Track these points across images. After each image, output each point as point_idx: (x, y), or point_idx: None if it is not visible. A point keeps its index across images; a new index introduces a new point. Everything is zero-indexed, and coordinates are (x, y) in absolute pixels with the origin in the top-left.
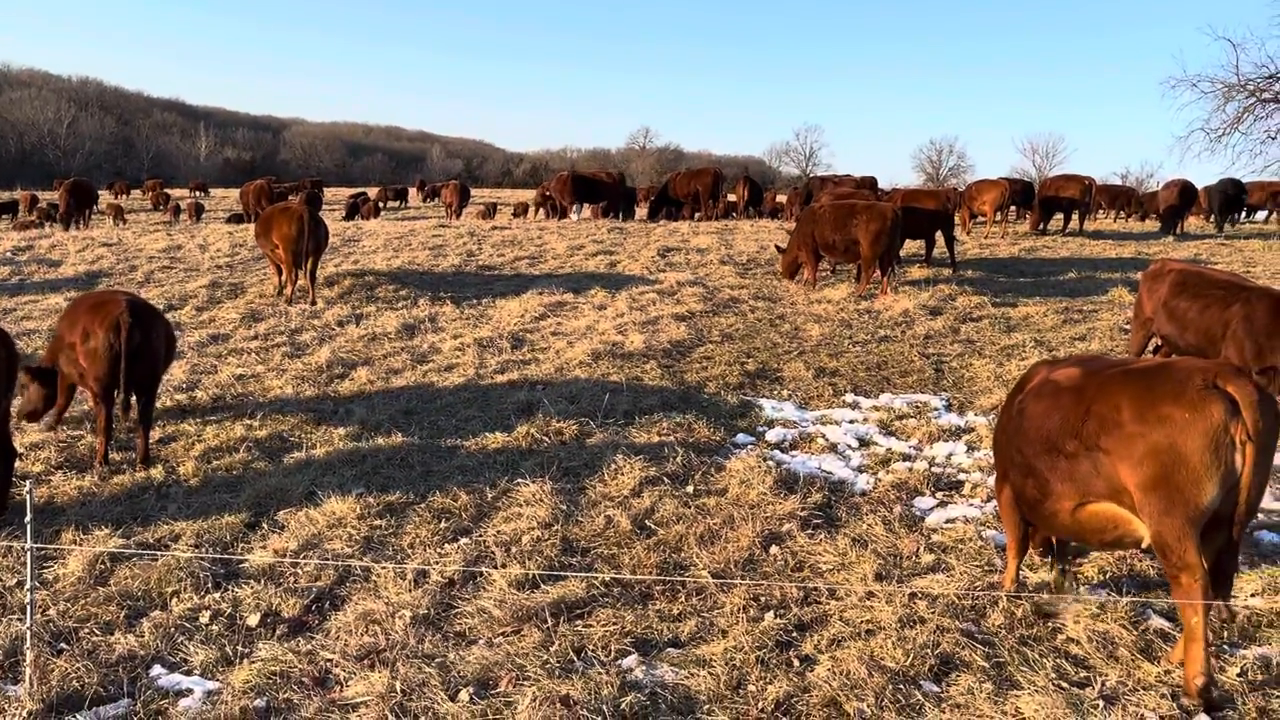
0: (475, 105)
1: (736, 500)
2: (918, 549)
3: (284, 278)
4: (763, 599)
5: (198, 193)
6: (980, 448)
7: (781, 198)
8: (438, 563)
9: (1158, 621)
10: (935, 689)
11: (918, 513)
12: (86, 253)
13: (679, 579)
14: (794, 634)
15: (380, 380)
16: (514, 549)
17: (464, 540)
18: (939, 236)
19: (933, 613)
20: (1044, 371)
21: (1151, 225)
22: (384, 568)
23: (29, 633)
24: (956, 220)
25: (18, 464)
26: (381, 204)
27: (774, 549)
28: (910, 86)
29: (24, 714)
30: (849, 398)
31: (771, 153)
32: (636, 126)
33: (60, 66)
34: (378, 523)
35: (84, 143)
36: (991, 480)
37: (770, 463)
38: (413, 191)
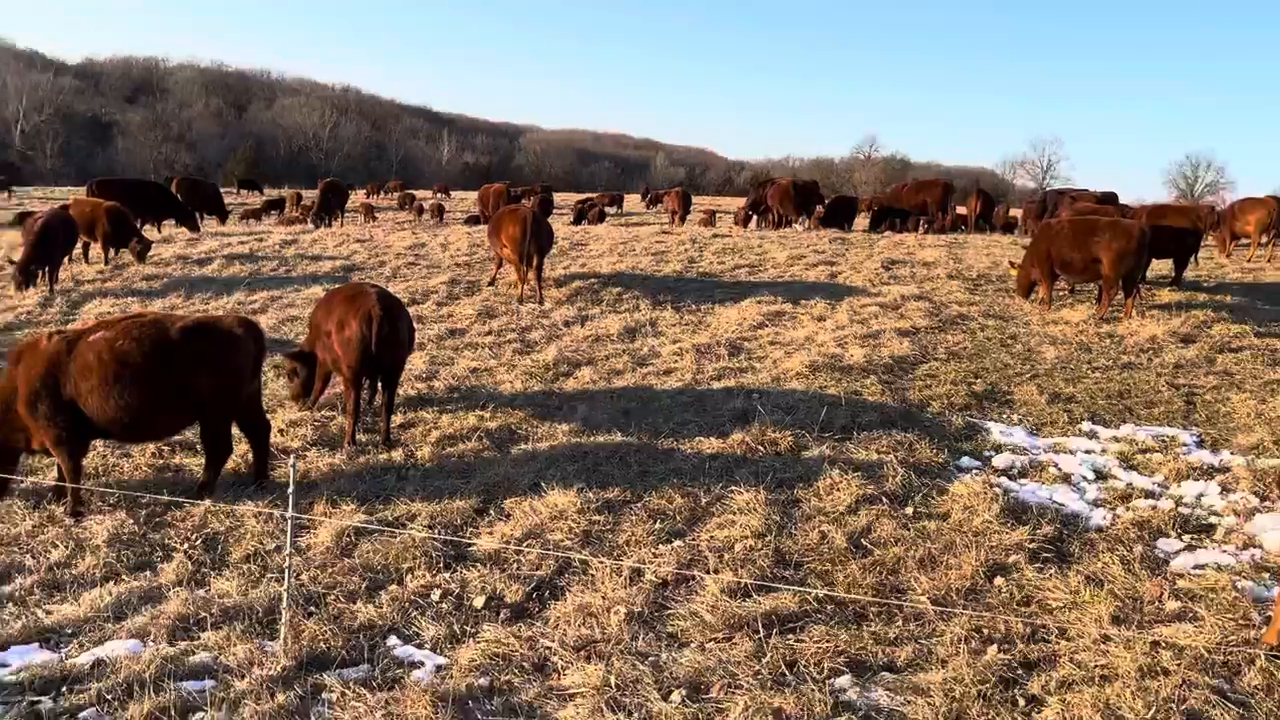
0: (700, 113)
1: (959, 526)
2: (1161, 594)
3: (515, 276)
4: (985, 631)
5: (440, 194)
6: (1236, 489)
7: (1015, 212)
8: (652, 562)
9: None
10: None
11: (1161, 555)
12: (342, 247)
13: (896, 602)
14: (1019, 671)
15: (602, 380)
16: (727, 556)
17: (678, 542)
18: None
19: (1178, 665)
20: None
21: None
22: (601, 563)
23: (285, 594)
24: (1211, 241)
25: (280, 439)
26: (604, 209)
27: (998, 580)
28: (1162, 98)
29: (279, 669)
30: (1086, 426)
31: (1005, 164)
32: (861, 135)
33: (325, 75)
34: (596, 518)
35: (342, 146)
36: (1249, 525)
37: (997, 489)
38: (629, 197)
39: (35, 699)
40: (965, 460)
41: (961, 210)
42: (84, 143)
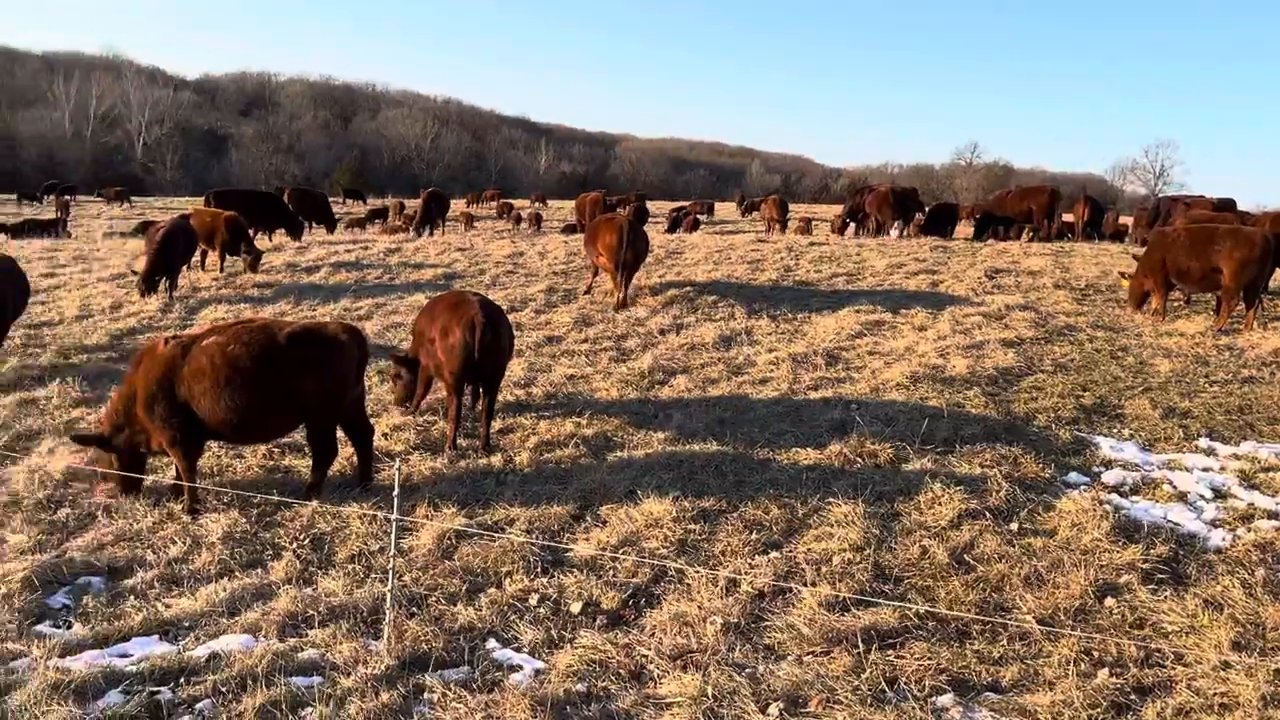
0: (796, 120)
1: (1067, 543)
2: None
3: (611, 284)
4: (1095, 654)
5: (538, 203)
6: None
7: (1125, 219)
8: (749, 573)
9: None
10: None
11: None
12: (444, 256)
13: (1000, 620)
14: (1132, 696)
15: (697, 389)
16: (824, 569)
17: (774, 554)
18: None
19: None
20: None
21: None
22: (697, 572)
23: (389, 595)
24: None
25: (384, 443)
26: (699, 217)
27: (1109, 601)
28: None
29: (383, 667)
30: (1203, 443)
31: (1115, 170)
32: (963, 142)
33: (427, 87)
34: (692, 527)
35: (443, 156)
36: None
37: (1107, 506)
38: (723, 205)
39: (155, 689)
40: (1073, 476)
41: (1068, 218)
42: (201, 155)
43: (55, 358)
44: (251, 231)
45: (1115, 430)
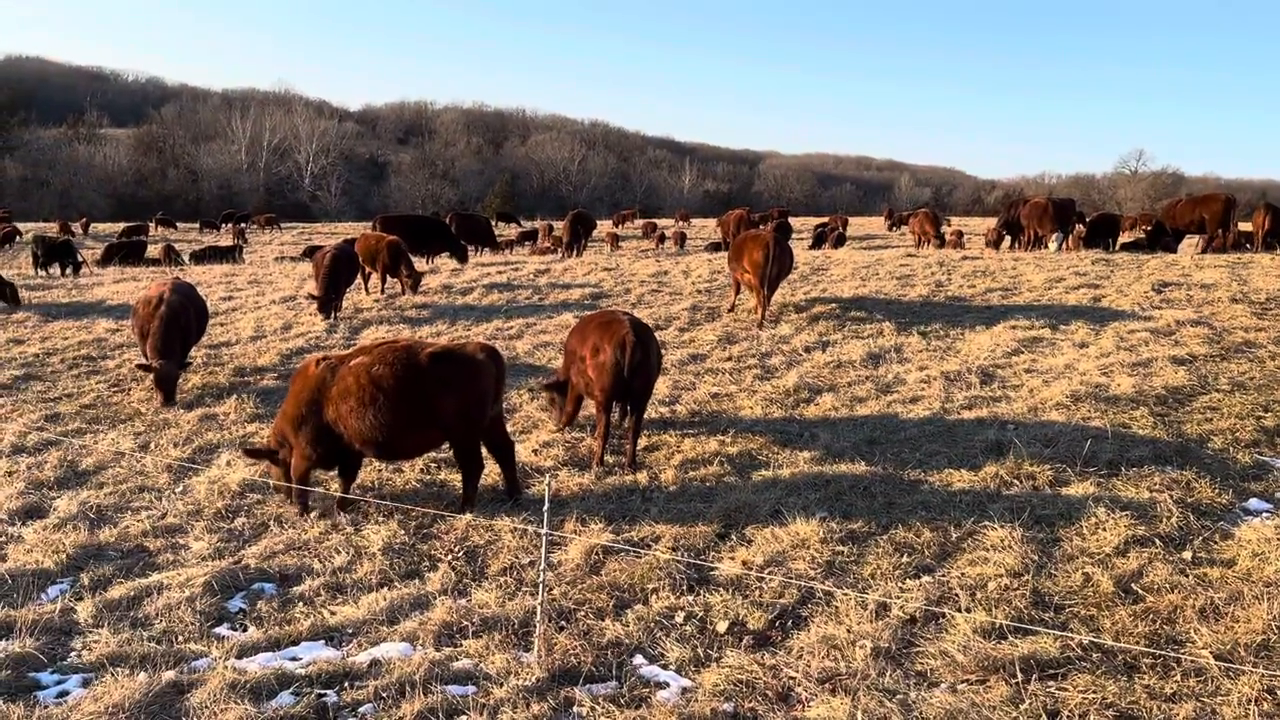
0: (946, 133)
1: (1247, 574)
2: None
3: (754, 301)
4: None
5: (682, 222)
6: None
7: None
8: (899, 597)
9: None
10: None
11: None
12: (591, 275)
13: (1173, 654)
14: None
15: (844, 407)
16: (979, 594)
17: (926, 578)
18: None
19: None
20: None
21: None
22: (846, 594)
23: (539, 608)
24: None
25: (533, 459)
26: (843, 232)
27: None
28: None
29: (534, 679)
30: None
31: None
32: (1127, 149)
33: (574, 111)
34: (840, 548)
35: (590, 178)
36: None
37: None
38: (867, 220)
39: (322, 692)
40: (1254, 502)
41: (1246, 227)
42: (362, 181)
43: (232, 376)
44: (424, 256)
45: None
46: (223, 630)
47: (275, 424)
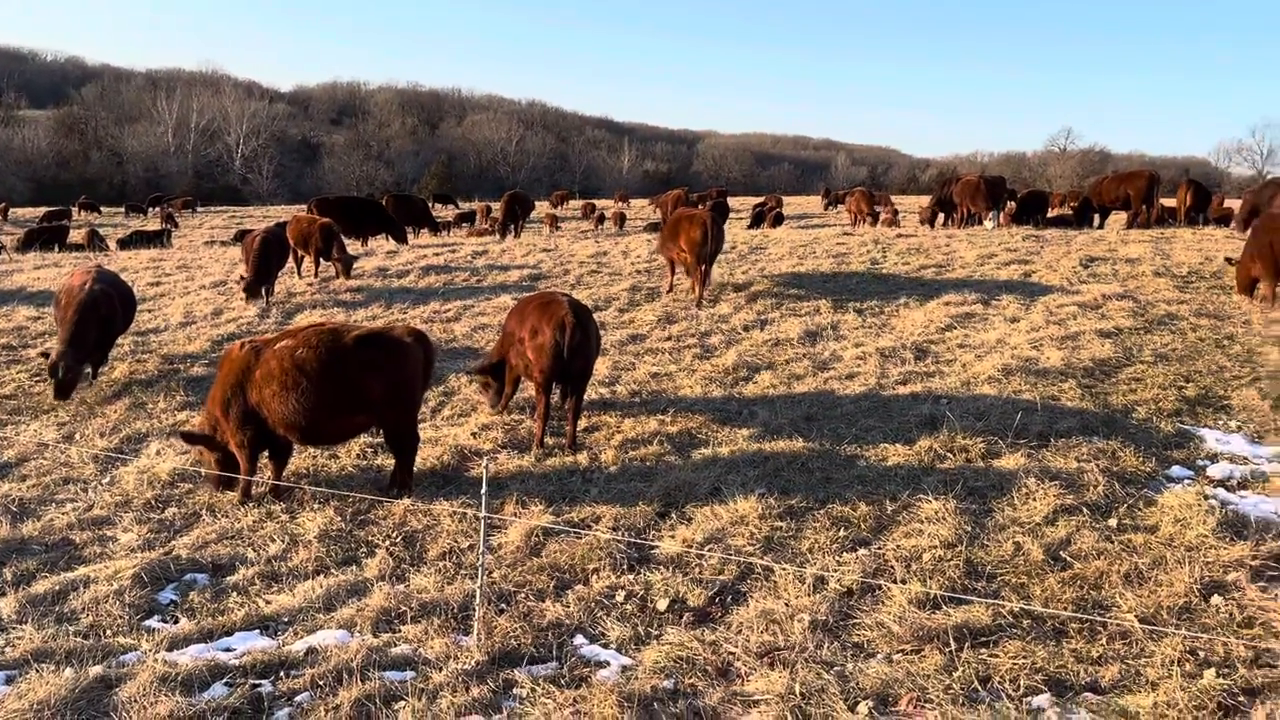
0: (882, 112)
1: (1170, 540)
2: None
3: (691, 281)
4: (1201, 653)
5: (621, 203)
6: None
7: (1232, 202)
8: (836, 570)
9: None
10: None
11: None
12: (529, 257)
13: (1099, 619)
14: (1240, 698)
15: (782, 385)
16: (914, 566)
17: (862, 551)
18: None
19: None
20: None
21: None
22: (784, 569)
23: (479, 592)
24: None
25: (472, 442)
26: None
27: (1216, 599)
28: None
29: (473, 663)
30: None
31: (1219, 152)
32: (1056, 128)
33: (511, 91)
34: (778, 524)
35: (528, 158)
36: None
37: (1213, 501)
38: (804, 199)
39: (256, 682)
40: (1176, 470)
41: (1170, 203)
42: (295, 164)
43: (161, 364)
44: (362, 239)
45: (1221, 422)
46: (153, 623)
47: (205, 409)
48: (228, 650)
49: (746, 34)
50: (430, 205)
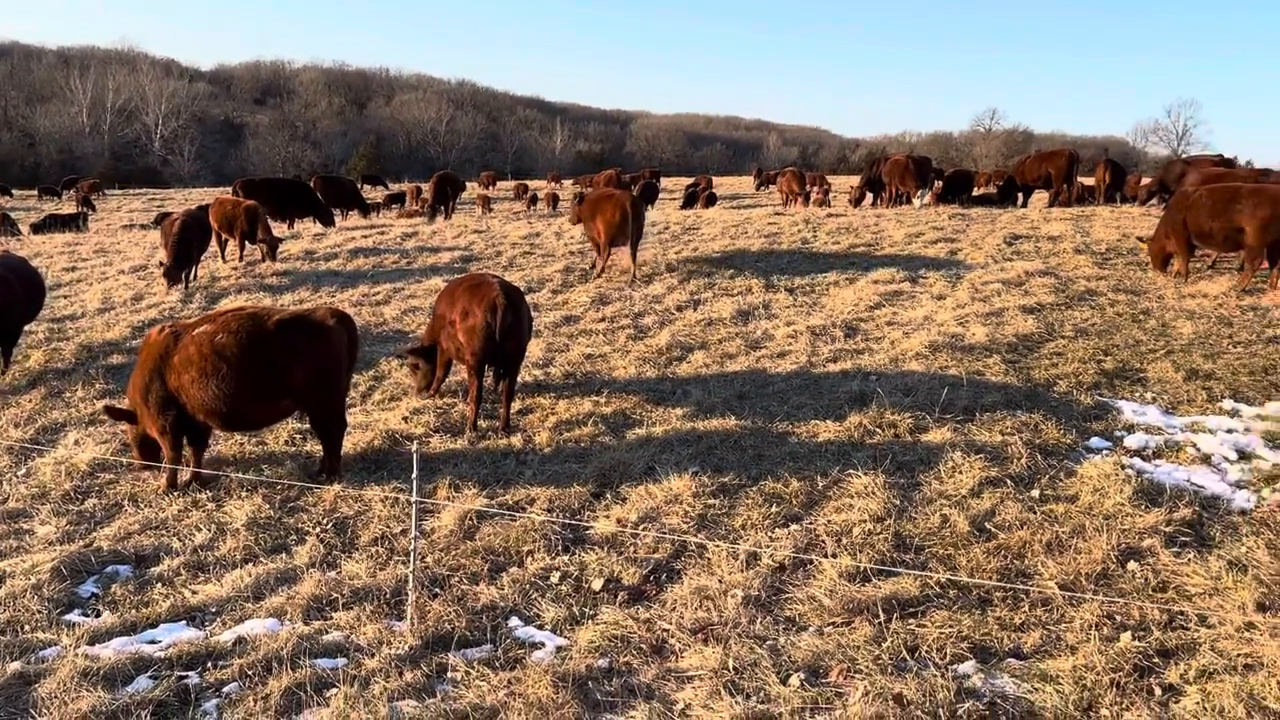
0: (813, 92)
1: (1089, 509)
2: None
3: (600, 258)
4: (1118, 618)
5: (554, 184)
6: None
7: (1148, 180)
8: (769, 546)
9: None
10: None
11: None
12: (460, 239)
13: (1022, 587)
14: (1155, 660)
15: (715, 364)
16: (845, 540)
17: (794, 526)
18: None
19: None
20: None
21: None
22: (717, 546)
23: (411, 576)
24: None
25: (404, 426)
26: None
27: (1132, 565)
28: None
29: (406, 648)
30: (1227, 404)
31: (1137, 132)
32: (982, 108)
33: (441, 71)
34: (711, 502)
35: (459, 139)
36: None
37: (1129, 471)
38: (736, 180)
39: (183, 674)
40: (1095, 441)
41: (1089, 181)
42: (218, 145)
43: (78, 351)
44: (289, 222)
45: (1138, 394)
46: (74, 617)
47: (128, 394)
48: (152, 643)
49: (679, 11)
50: (359, 187)
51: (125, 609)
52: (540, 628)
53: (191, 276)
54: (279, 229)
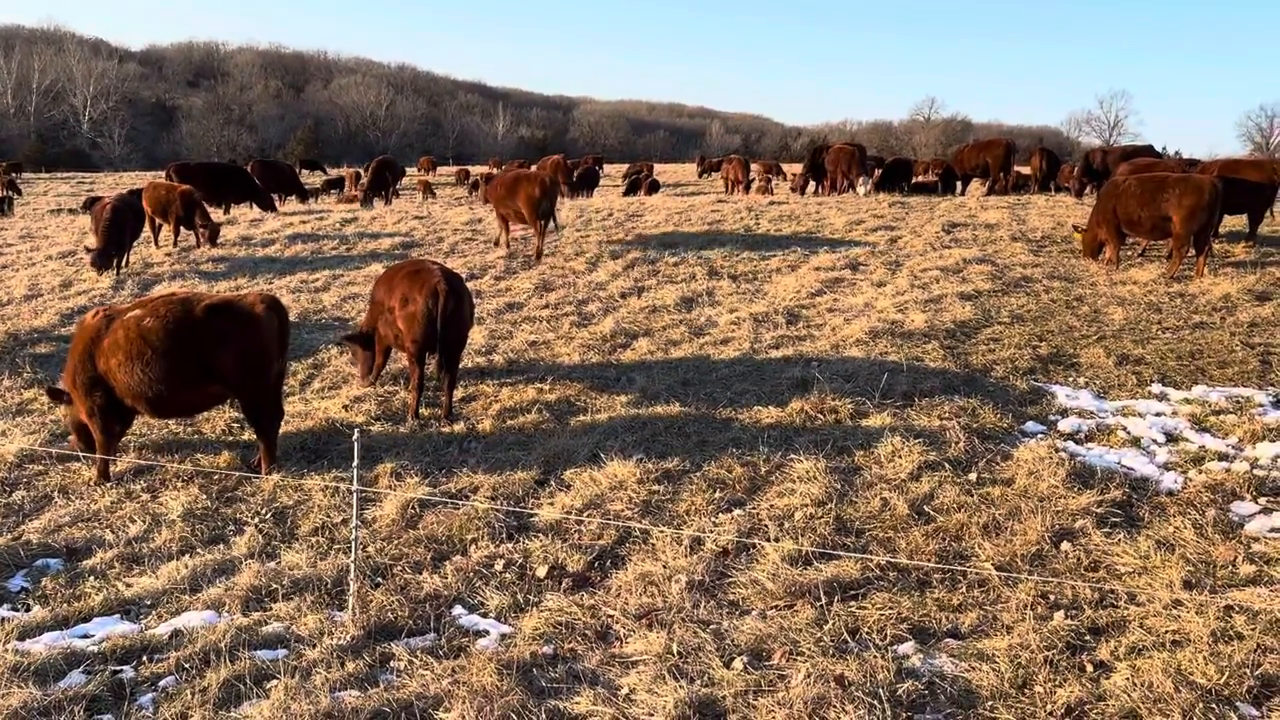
0: (755, 80)
1: (1024, 491)
2: (1235, 558)
3: (506, 235)
4: (1052, 597)
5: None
6: None
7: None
8: (712, 531)
9: None
10: (1254, 713)
11: (1235, 518)
12: (401, 225)
13: (959, 569)
14: (1087, 637)
15: (659, 351)
16: (787, 524)
17: (737, 511)
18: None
19: (1252, 629)
20: None
21: None
22: (662, 532)
23: (353, 566)
24: None
25: (344, 414)
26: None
27: (1065, 545)
28: (1240, 49)
29: (348, 638)
30: (1155, 388)
31: (1071, 122)
32: (921, 97)
33: (380, 54)
34: (656, 488)
35: (399, 123)
36: None
37: (1063, 454)
38: (679, 167)
39: (117, 668)
40: (1030, 425)
41: (1025, 170)
42: (149, 128)
43: (5, 339)
44: (224, 207)
45: (1071, 379)
46: (2, 612)
47: (63, 378)
48: (85, 637)
49: None
50: (298, 171)
51: (56, 603)
52: (484, 616)
53: (124, 263)
54: (215, 214)
